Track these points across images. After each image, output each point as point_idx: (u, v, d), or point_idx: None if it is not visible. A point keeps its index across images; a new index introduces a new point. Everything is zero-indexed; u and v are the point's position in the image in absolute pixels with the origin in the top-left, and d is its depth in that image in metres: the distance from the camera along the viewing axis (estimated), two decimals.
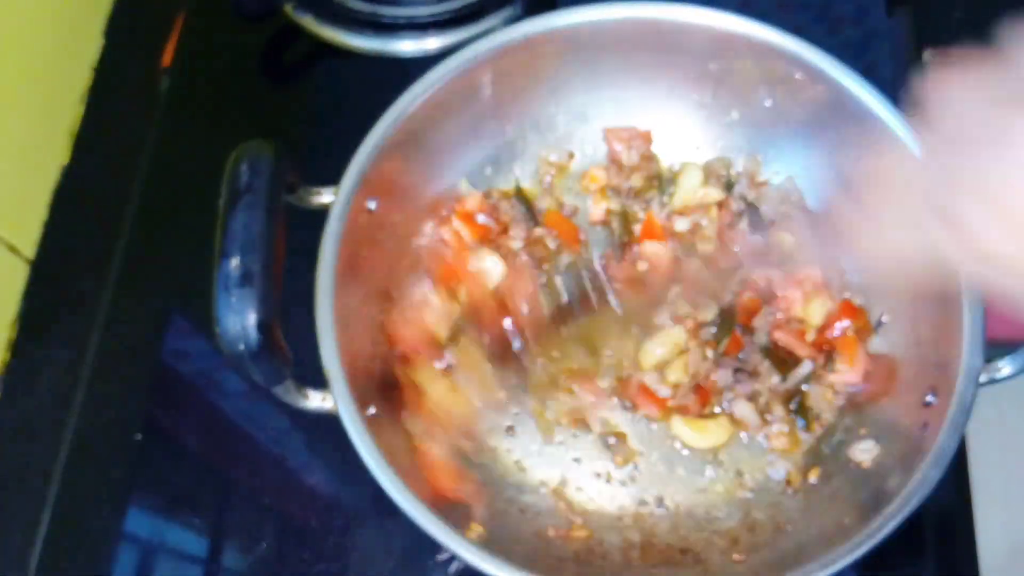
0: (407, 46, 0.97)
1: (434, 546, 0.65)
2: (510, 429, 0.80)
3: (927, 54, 0.97)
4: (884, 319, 0.80)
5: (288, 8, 0.98)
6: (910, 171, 0.45)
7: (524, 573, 0.64)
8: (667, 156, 0.88)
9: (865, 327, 0.80)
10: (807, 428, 0.78)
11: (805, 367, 0.78)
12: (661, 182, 0.87)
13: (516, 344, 0.79)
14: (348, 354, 0.69)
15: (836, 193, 0.48)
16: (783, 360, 0.79)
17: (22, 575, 0.78)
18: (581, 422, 0.79)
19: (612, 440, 0.79)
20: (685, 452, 0.79)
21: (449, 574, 0.77)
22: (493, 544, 0.68)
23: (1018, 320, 0.61)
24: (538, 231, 0.85)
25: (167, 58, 0.99)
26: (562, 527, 0.76)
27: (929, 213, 0.42)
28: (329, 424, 0.67)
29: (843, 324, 0.79)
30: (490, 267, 0.81)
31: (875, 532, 0.65)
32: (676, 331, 0.80)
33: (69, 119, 0.94)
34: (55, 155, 0.92)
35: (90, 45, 0.98)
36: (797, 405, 0.79)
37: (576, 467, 0.79)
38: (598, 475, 0.78)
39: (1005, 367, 0.70)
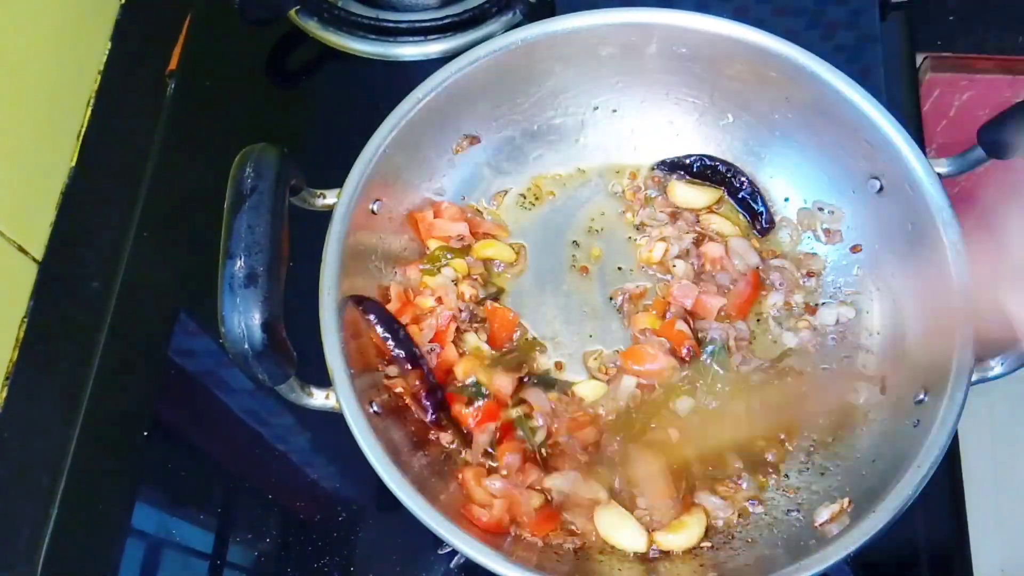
0: (409, 51, 0.98)
1: (436, 540, 0.66)
2: None
3: (920, 59, 0.98)
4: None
5: (292, 13, 0.99)
6: None
7: (523, 569, 0.65)
8: (665, 158, 0.90)
9: None
10: (775, 473, 0.78)
11: None
12: None
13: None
14: (351, 352, 0.71)
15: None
16: None
17: (30, 569, 0.79)
18: None
19: None
20: None
21: (451, 568, 0.78)
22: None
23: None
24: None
25: (173, 62, 1.00)
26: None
27: None
28: (333, 421, 0.68)
29: None
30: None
31: (869, 527, 0.66)
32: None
33: (76, 122, 0.95)
34: (63, 157, 0.93)
35: (97, 49, 0.99)
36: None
37: None
38: None
39: (996, 366, 0.71)
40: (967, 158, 0.77)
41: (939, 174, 0.75)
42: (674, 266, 0.85)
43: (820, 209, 0.86)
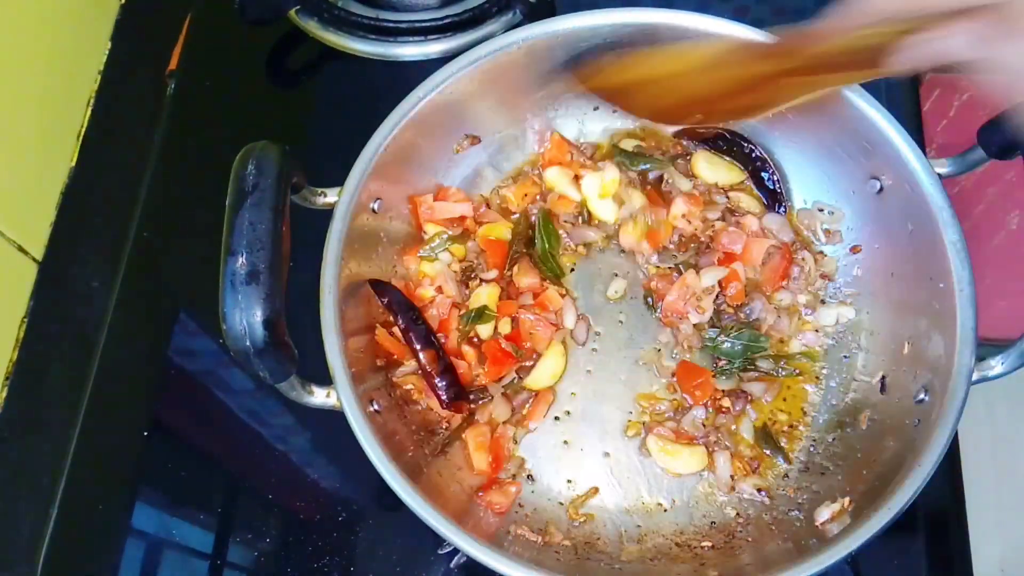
0: (409, 51, 0.98)
1: (437, 539, 0.66)
2: None
3: None
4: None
5: (292, 13, 0.99)
6: None
7: (525, 567, 0.65)
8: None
9: None
10: (786, 460, 0.79)
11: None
12: None
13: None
14: (352, 351, 0.71)
15: None
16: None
17: (30, 569, 0.79)
18: None
19: None
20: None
21: (451, 568, 0.78)
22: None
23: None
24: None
25: (173, 62, 1.00)
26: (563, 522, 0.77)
27: None
28: (333, 421, 0.68)
29: None
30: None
31: (869, 526, 0.66)
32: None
33: (76, 122, 0.95)
34: (63, 157, 0.93)
35: (97, 49, 0.99)
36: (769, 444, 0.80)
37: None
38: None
39: (997, 365, 0.71)
40: (967, 158, 0.78)
41: (939, 174, 0.76)
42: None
43: (820, 209, 0.86)
